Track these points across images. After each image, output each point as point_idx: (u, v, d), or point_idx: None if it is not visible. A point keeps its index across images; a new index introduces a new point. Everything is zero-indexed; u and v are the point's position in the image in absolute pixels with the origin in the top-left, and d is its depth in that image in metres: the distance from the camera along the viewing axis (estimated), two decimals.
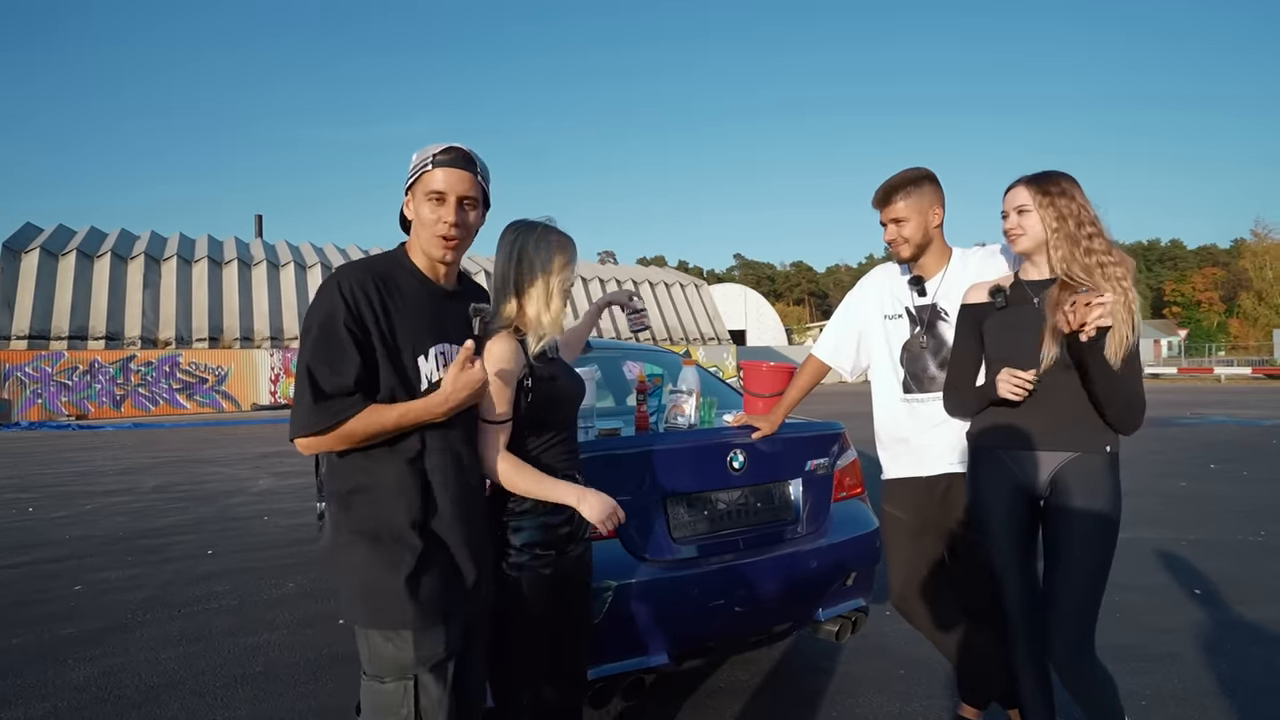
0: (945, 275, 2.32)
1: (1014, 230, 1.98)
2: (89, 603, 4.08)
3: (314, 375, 1.43)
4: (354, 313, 1.45)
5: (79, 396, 20.80)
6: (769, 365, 2.79)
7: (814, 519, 2.67)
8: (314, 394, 1.42)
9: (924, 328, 2.32)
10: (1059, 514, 1.91)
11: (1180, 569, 4.40)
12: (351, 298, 1.46)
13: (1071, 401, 1.91)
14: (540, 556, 1.73)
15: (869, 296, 2.49)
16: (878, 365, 2.45)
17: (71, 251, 22.84)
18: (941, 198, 2.28)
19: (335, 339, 1.44)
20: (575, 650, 1.88)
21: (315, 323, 1.45)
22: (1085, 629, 1.88)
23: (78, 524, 6.26)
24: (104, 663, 3.23)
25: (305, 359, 1.45)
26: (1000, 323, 2.03)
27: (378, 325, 1.47)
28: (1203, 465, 8.49)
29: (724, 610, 2.39)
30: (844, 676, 3.01)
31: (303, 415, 1.43)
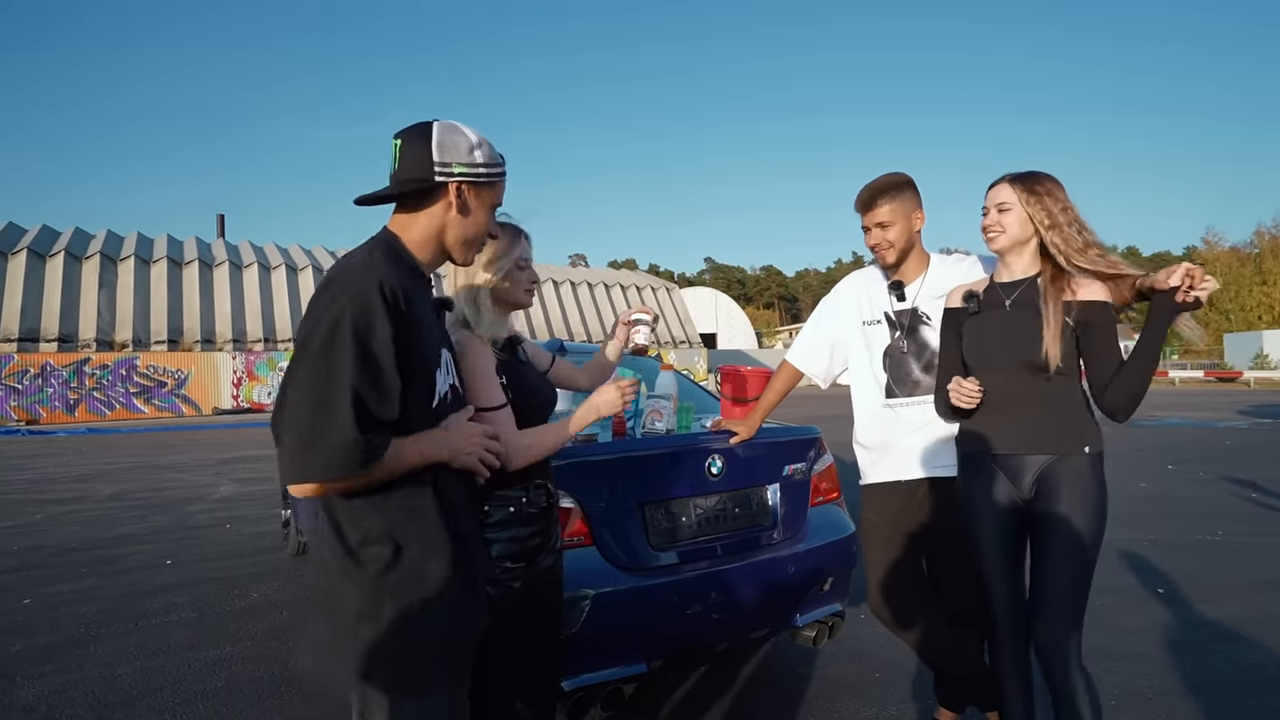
0: (925, 280, 2.32)
1: (992, 227, 1.98)
2: (38, 617, 3.90)
3: (363, 401, 1.16)
4: (398, 324, 1.22)
5: (30, 401, 20.05)
6: (746, 370, 2.78)
7: (791, 524, 2.66)
8: (359, 425, 1.15)
9: (904, 332, 2.32)
10: (1043, 516, 1.92)
11: (1144, 569, 4.50)
12: (394, 304, 1.21)
13: (1051, 404, 1.92)
14: (510, 570, 1.70)
15: (845, 303, 2.48)
16: (857, 371, 2.45)
17: (22, 250, 22.05)
18: (921, 203, 2.29)
19: (379, 357, 1.19)
20: (548, 662, 1.85)
21: (350, 332, 1.17)
22: (1074, 624, 1.88)
23: (26, 534, 6.00)
24: (55, 680, 3.09)
25: (346, 379, 1.15)
26: (974, 327, 2.04)
27: (414, 337, 1.25)
28: (1160, 466, 8.73)
29: (702, 617, 2.36)
30: (821, 681, 3.01)
31: (333, 452, 1.14)
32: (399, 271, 1.28)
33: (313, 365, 1.17)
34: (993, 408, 1.99)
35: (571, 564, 2.10)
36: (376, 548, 1.24)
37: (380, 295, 1.20)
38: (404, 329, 1.23)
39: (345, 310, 1.18)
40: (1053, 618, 1.88)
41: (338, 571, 1.25)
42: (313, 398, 1.16)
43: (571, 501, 2.21)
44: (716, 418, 2.72)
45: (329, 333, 1.17)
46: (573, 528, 2.20)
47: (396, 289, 1.23)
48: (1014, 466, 1.96)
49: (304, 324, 1.21)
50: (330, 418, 1.15)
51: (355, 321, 1.18)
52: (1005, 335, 1.95)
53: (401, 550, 1.26)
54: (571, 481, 2.20)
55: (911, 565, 2.37)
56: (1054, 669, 1.88)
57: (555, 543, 1.83)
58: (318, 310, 1.20)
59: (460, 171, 1.34)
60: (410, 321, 1.24)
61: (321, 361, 1.17)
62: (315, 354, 1.17)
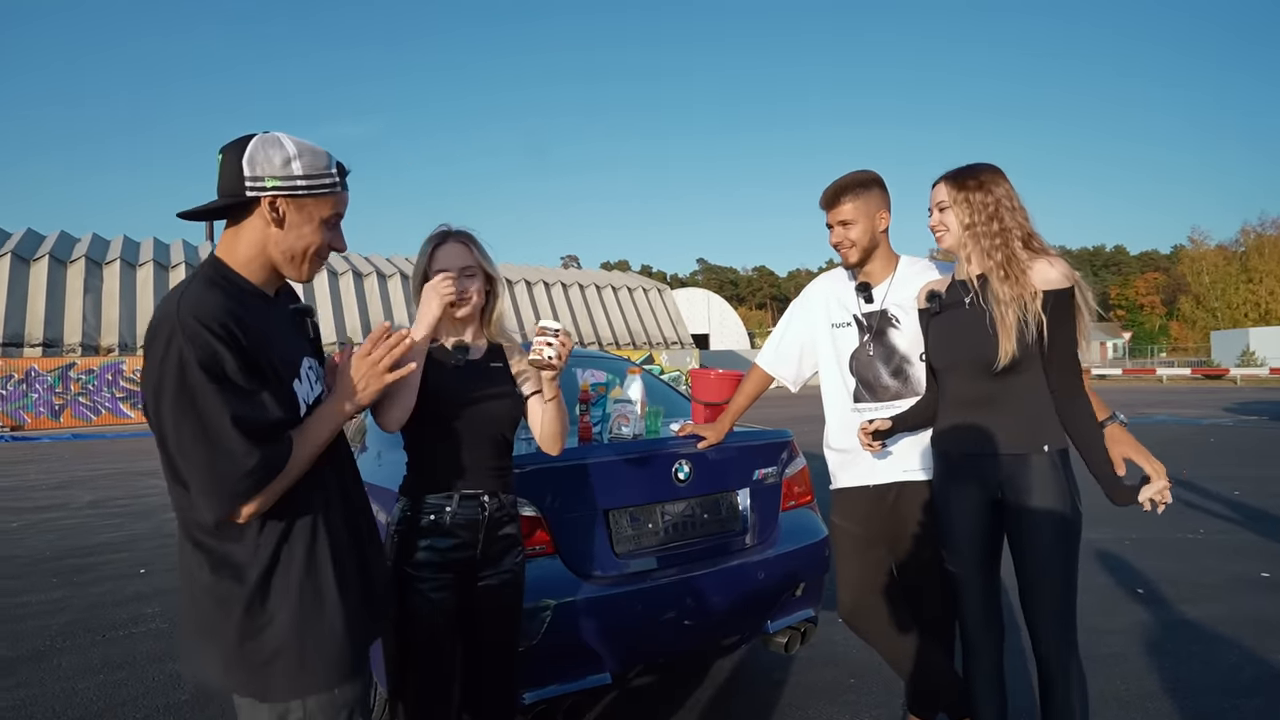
0: (893, 281, 2.29)
1: (937, 228, 1.96)
2: (5, 629, 3.83)
3: (245, 420, 1.18)
4: (239, 352, 1.21)
5: (14, 406, 19.82)
6: (716, 372, 2.74)
7: (762, 529, 2.63)
8: (253, 442, 1.18)
9: (873, 335, 2.29)
10: (1014, 520, 1.90)
11: (1122, 569, 4.49)
12: (226, 335, 1.20)
13: (1009, 402, 1.89)
14: (433, 579, 1.70)
15: (814, 306, 2.45)
16: (826, 375, 2.41)
17: (6, 255, 21.82)
18: (888, 202, 2.26)
19: (236, 380, 1.20)
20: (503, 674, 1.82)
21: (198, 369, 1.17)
22: (1066, 623, 1.86)
23: (1, 544, 5.91)
24: (15, 695, 3.02)
25: (219, 411, 1.16)
26: (937, 328, 2.02)
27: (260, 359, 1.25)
28: None
29: (669, 626, 2.32)
30: (795, 687, 2.97)
31: (242, 479, 1.17)
32: (224, 300, 1.24)
33: (181, 413, 1.17)
34: (959, 406, 1.97)
35: (532, 573, 2.06)
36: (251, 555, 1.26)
37: (209, 331, 1.18)
38: (246, 355, 1.22)
39: (184, 352, 1.17)
40: (1045, 623, 1.86)
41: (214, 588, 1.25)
42: (198, 442, 1.16)
43: (533, 509, 2.16)
44: (686, 422, 2.68)
45: (178, 378, 1.17)
46: (534, 536, 2.16)
47: (225, 319, 1.21)
48: (980, 466, 1.93)
49: (148, 378, 1.20)
50: (225, 453, 1.17)
51: (200, 359, 1.17)
52: (963, 334, 1.93)
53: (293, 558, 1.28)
54: (533, 488, 2.16)
55: (881, 571, 2.33)
56: (1054, 675, 1.87)
57: (507, 560, 1.81)
58: (157, 362, 1.18)
59: (274, 185, 1.30)
60: (251, 345, 1.22)
61: (188, 407, 1.17)
62: (177, 403, 1.17)
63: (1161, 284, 73.15)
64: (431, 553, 1.71)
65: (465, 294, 1.82)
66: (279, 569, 1.26)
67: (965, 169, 1.94)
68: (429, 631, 1.70)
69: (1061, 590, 1.85)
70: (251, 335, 1.23)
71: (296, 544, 1.29)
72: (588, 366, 3.29)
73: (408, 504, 1.75)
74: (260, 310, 1.31)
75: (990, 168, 1.94)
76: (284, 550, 1.27)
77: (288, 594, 1.26)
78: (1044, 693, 1.91)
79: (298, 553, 1.28)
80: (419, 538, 1.71)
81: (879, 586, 2.32)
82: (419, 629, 1.70)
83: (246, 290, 1.32)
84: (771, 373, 2.53)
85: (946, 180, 1.94)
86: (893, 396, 2.25)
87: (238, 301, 1.26)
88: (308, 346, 1.43)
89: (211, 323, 1.19)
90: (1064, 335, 1.84)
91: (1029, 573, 1.87)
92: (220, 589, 1.25)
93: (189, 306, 1.20)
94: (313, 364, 1.40)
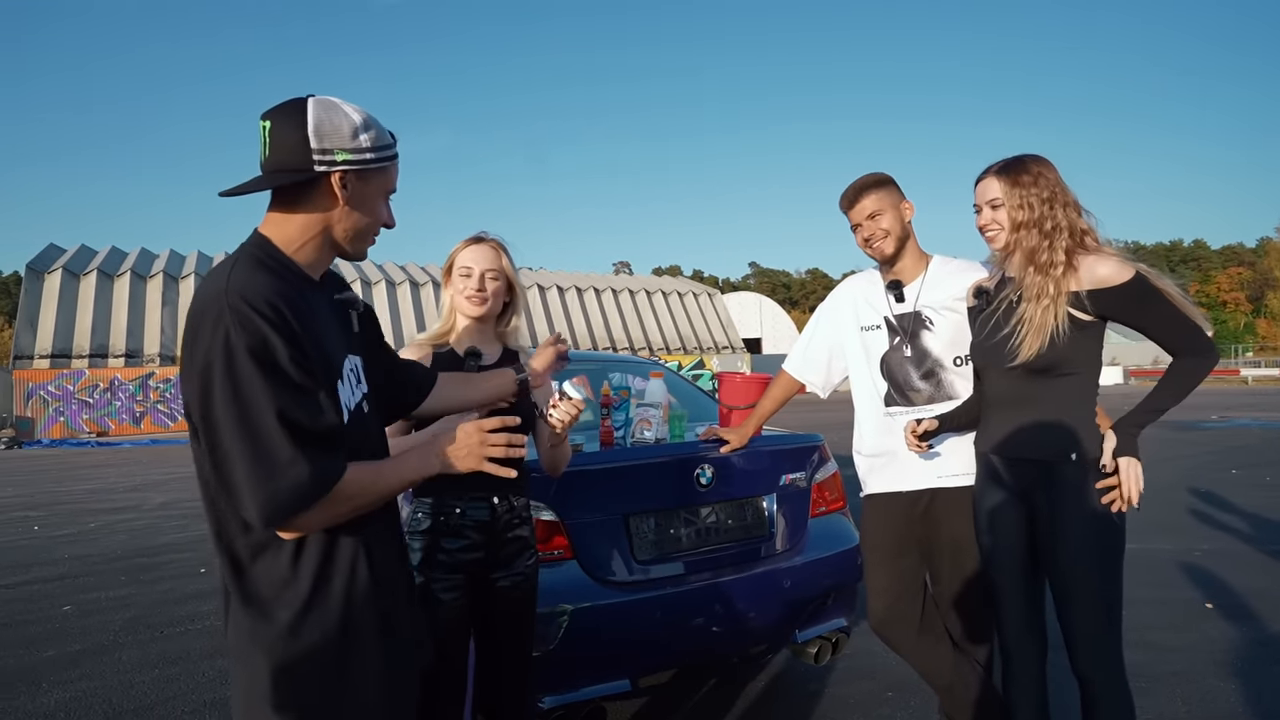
0: (925, 281, 2.21)
1: (989, 226, 1.85)
2: (74, 624, 4.06)
3: (289, 419, 1.04)
4: (291, 341, 1.07)
5: (100, 414, 21.12)
6: (744, 376, 2.71)
7: (789, 536, 2.57)
8: (297, 445, 1.04)
9: (905, 337, 2.20)
10: (1042, 526, 1.80)
11: (1192, 581, 4.22)
12: (279, 320, 1.07)
13: (1044, 405, 1.79)
14: (444, 580, 1.71)
15: (842, 308, 2.38)
16: (857, 379, 2.34)
17: (92, 271, 23.26)
18: (906, 198, 2.19)
19: (289, 372, 1.06)
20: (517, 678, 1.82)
21: (248, 358, 1.04)
22: (1104, 644, 1.75)
23: (79, 542, 6.28)
24: (78, 687, 3.19)
25: (265, 405, 1.03)
26: (982, 325, 1.93)
27: (309, 353, 1.11)
28: (1224, 470, 8.23)
29: (690, 633, 2.29)
30: (830, 699, 2.89)
31: (285, 484, 1.03)
32: (275, 282, 1.11)
33: (227, 406, 1.03)
34: (995, 407, 1.88)
35: (551, 579, 2.07)
36: (288, 594, 1.12)
37: (260, 315, 1.05)
38: (297, 345, 1.08)
39: (232, 338, 1.04)
40: (1081, 643, 1.75)
41: (247, 626, 1.12)
42: (243, 439, 1.03)
43: (551, 513, 2.17)
44: (711, 425, 2.64)
45: (225, 367, 1.03)
46: (553, 541, 2.16)
47: (276, 302, 1.07)
48: (1013, 470, 1.84)
49: (191, 366, 1.06)
50: (267, 454, 1.03)
51: (249, 347, 1.04)
52: (1005, 331, 1.83)
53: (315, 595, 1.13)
54: (551, 492, 2.16)
55: (914, 580, 2.25)
56: (1095, 696, 1.76)
57: (518, 563, 1.81)
58: (203, 349, 1.05)
59: (344, 159, 1.16)
60: (301, 336, 1.09)
61: (234, 401, 1.03)
62: (223, 394, 1.04)
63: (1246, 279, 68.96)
64: (442, 554, 1.73)
65: (484, 292, 1.85)
66: (313, 611, 1.12)
67: (1014, 161, 1.83)
68: (440, 632, 1.71)
69: (1096, 608, 1.73)
70: (304, 327, 1.10)
71: (336, 581, 1.14)
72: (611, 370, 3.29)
73: (419, 505, 1.77)
74: (310, 300, 1.18)
75: (1038, 158, 1.83)
76: (320, 588, 1.12)
77: (319, 644, 1.11)
78: (1085, 714, 1.80)
79: (336, 591, 1.14)
80: (429, 538, 1.73)
81: (912, 597, 2.24)
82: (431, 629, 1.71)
83: (299, 276, 1.19)
84: (799, 378, 2.47)
85: (997, 174, 1.83)
86: (925, 400, 2.17)
87: (289, 285, 1.13)
88: (352, 342, 1.29)
89: (264, 306, 1.05)
90: (1154, 320, 1.73)
91: (1059, 588, 1.77)
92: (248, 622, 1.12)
93: (238, 287, 1.07)
94: (355, 364, 1.26)
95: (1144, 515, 5.87)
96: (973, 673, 2.20)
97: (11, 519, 7.59)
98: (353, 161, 1.17)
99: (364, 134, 1.18)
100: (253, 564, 1.12)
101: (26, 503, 8.69)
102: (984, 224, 1.86)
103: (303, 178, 1.15)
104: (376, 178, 1.22)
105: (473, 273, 1.84)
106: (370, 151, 1.19)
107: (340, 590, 1.14)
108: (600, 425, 2.51)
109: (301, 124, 1.14)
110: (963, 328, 2.07)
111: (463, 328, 1.89)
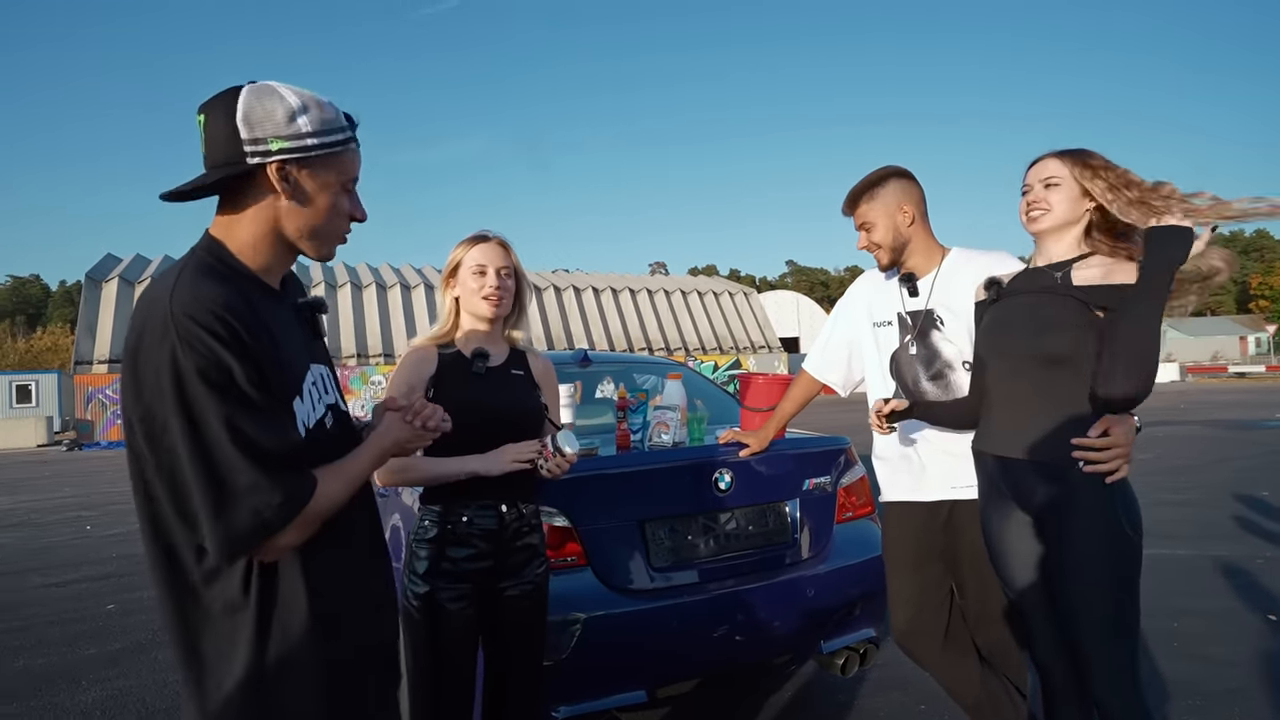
0: (939, 275, 2.10)
1: (1037, 204, 1.71)
2: (116, 623, 4.18)
3: (246, 440, 0.97)
4: (244, 356, 0.99)
5: None
6: (765, 377, 2.62)
7: (813, 542, 2.48)
8: (260, 466, 0.98)
9: (914, 335, 2.11)
10: (1049, 548, 1.67)
11: (1252, 591, 3.98)
12: (230, 335, 0.98)
13: (1057, 403, 1.65)
14: (447, 590, 1.68)
15: (858, 303, 2.29)
16: (871, 377, 2.25)
17: (146, 279, 24.12)
18: (913, 194, 2.08)
19: (244, 390, 0.99)
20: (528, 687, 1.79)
21: (196, 378, 0.96)
22: (1120, 666, 1.60)
23: (127, 542, 6.48)
24: (115, 685, 3.27)
25: (217, 427, 0.96)
26: (992, 316, 1.81)
27: (266, 365, 1.03)
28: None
29: (709, 642, 2.22)
30: (859, 711, 2.79)
31: (260, 504, 0.97)
32: (223, 291, 1.01)
33: (181, 436, 0.96)
34: (1000, 404, 1.75)
35: (563, 587, 2.03)
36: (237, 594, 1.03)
37: (208, 331, 0.96)
38: (250, 361, 0.99)
39: (180, 360, 0.95)
40: (1098, 667, 1.61)
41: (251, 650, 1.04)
42: (197, 468, 0.95)
43: (564, 519, 2.12)
44: (730, 428, 2.57)
45: (175, 392, 0.95)
46: (565, 547, 2.12)
47: (224, 315, 0.98)
48: (1017, 474, 1.71)
49: (135, 390, 0.98)
50: (224, 479, 0.96)
51: (199, 368, 0.96)
52: (1021, 321, 1.71)
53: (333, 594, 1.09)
54: (564, 498, 2.11)
55: (939, 590, 2.14)
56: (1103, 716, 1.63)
57: (528, 571, 1.78)
58: (150, 370, 0.97)
59: (280, 148, 1.05)
60: (254, 349, 1.01)
61: (186, 428, 0.95)
62: (176, 424, 0.96)
63: None
64: (448, 562, 1.70)
65: (502, 290, 1.81)
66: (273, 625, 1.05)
67: (1081, 149, 1.72)
68: (447, 641, 1.69)
69: (1108, 627, 1.58)
70: (259, 336, 1.02)
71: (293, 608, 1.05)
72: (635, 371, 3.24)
73: (426, 513, 1.75)
74: (266, 306, 1.08)
75: (1097, 153, 1.73)
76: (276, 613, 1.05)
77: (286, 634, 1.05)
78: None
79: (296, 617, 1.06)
80: (435, 547, 1.71)
81: (935, 608, 2.13)
82: (437, 638, 1.69)
83: (249, 280, 1.09)
84: (819, 378, 2.39)
85: (1062, 155, 1.71)
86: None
87: (240, 294, 1.03)
88: (316, 350, 1.21)
89: (211, 321, 0.97)
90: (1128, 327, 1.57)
91: (1064, 606, 1.63)
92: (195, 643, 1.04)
93: (183, 301, 0.97)
94: (320, 373, 1.18)
95: (1200, 520, 5.60)
96: (1003, 691, 2.09)
97: (67, 519, 7.89)
98: (291, 150, 1.06)
99: (301, 117, 1.07)
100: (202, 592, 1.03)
101: (82, 503, 9.03)
102: (1033, 200, 1.72)
103: (234, 171, 1.05)
104: (325, 166, 1.10)
105: (487, 271, 1.80)
106: (312, 137, 1.07)
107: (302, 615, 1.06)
108: (616, 428, 2.46)
109: (230, 113, 1.05)
110: None
111: (469, 328, 1.85)
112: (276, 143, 1.06)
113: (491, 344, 1.86)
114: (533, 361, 1.92)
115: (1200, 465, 8.38)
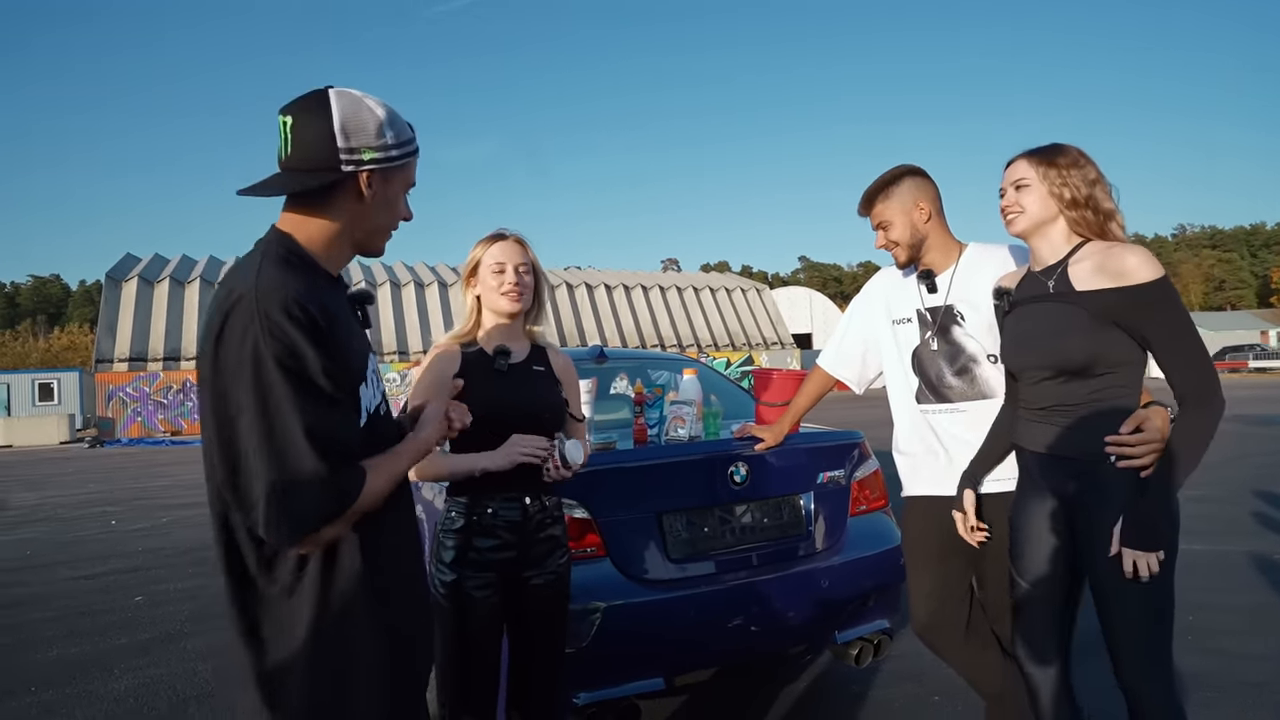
0: (957, 270, 2.13)
1: (1010, 208, 1.76)
2: (146, 613, 4.28)
3: (317, 434, 1.01)
4: (322, 347, 1.03)
5: (174, 414, 22.25)
6: (779, 372, 2.65)
7: (828, 535, 2.52)
8: (324, 459, 1.01)
9: (935, 331, 2.13)
10: (1084, 527, 1.71)
11: (1270, 587, 3.96)
12: (311, 325, 1.02)
13: (1087, 406, 1.70)
14: (477, 578, 1.72)
15: (875, 300, 2.32)
16: (890, 374, 2.28)
17: (165, 279, 24.48)
18: (928, 191, 2.10)
19: (318, 383, 1.03)
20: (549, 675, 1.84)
21: (275, 367, 1.00)
22: (1153, 653, 1.64)
23: (152, 536, 6.62)
24: (147, 673, 3.36)
25: (292, 417, 0.99)
26: (1010, 327, 1.84)
27: (340, 355, 1.08)
28: None
29: (725, 632, 2.27)
30: (873, 702, 2.83)
31: (308, 498, 1.00)
32: (302, 282, 1.05)
33: (254, 422, 1.00)
34: (1034, 410, 1.78)
35: (583, 577, 2.07)
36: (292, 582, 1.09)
37: (291, 320, 1.00)
38: (329, 350, 1.04)
39: (260, 347, 0.99)
40: (1131, 654, 1.64)
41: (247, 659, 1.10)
42: (266, 454, 0.99)
43: (584, 511, 2.17)
44: (746, 423, 2.61)
45: (253, 378, 0.99)
46: (585, 538, 2.17)
47: (308, 305, 1.02)
48: (1053, 469, 1.74)
49: (215, 372, 1.02)
50: (292, 468, 0.99)
51: (277, 357, 0.99)
52: (1033, 337, 1.74)
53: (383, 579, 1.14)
54: (584, 490, 2.16)
55: (960, 584, 2.17)
56: (1144, 710, 1.64)
57: (550, 561, 1.82)
58: (228, 355, 1.00)
59: (371, 158, 1.11)
60: (330, 341, 1.05)
61: (260, 415, 0.99)
62: (250, 409, 1.00)
63: None
64: (474, 552, 1.75)
65: (521, 286, 1.85)
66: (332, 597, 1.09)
67: (1050, 146, 1.76)
68: (473, 628, 1.74)
69: (1143, 615, 1.62)
70: (333, 327, 1.06)
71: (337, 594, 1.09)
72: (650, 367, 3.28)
73: (453, 504, 1.80)
74: (336, 300, 1.13)
75: (1075, 148, 1.75)
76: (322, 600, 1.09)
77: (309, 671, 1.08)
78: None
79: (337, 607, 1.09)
80: (462, 537, 1.76)
81: (957, 601, 2.16)
82: (464, 626, 1.74)
83: (323, 274, 1.14)
84: (833, 374, 2.41)
85: (1030, 156, 1.75)
86: (958, 397, 2.09)
87: (314, 286, 1.08)
88: (368, 341, 1.25)
89: (295, 309, 1.00)
90: (1167, 332, 1.60)
91: (1100, 593, 1.67)
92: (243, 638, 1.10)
93: (267, 289, 1.01)
94: (374, 363, 1.24)
95: (1224, 515, 5.57)
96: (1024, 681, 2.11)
97: (93, 514, 8.06)
98: (379, 160, 1.13)
99: (389, 131, 1.14)
100: (259, 578, 1.08)
101: (107, 499, 9.21)
102: (1006, 205, 1.78)
103: (331, 179, 1.11)
104: (399, 174, 1.19)
105: (506, 268, 1.84)
106: (395, 149, 1.15)
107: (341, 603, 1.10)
108: (634, 423, 2.50)
109: (327, 121, 1.10)
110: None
111: (491, 326, 1.90)
112: (369, 153, 1.12)
113: (513, 340, 1.90)
114: (553, 357, 1.97)
115: (1220, 461, 8.31)
